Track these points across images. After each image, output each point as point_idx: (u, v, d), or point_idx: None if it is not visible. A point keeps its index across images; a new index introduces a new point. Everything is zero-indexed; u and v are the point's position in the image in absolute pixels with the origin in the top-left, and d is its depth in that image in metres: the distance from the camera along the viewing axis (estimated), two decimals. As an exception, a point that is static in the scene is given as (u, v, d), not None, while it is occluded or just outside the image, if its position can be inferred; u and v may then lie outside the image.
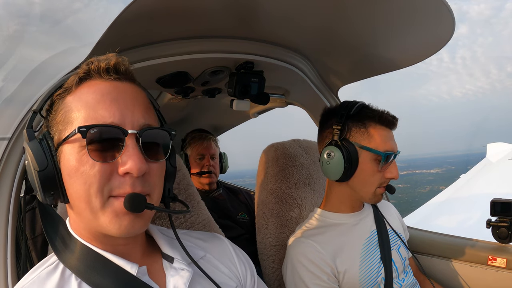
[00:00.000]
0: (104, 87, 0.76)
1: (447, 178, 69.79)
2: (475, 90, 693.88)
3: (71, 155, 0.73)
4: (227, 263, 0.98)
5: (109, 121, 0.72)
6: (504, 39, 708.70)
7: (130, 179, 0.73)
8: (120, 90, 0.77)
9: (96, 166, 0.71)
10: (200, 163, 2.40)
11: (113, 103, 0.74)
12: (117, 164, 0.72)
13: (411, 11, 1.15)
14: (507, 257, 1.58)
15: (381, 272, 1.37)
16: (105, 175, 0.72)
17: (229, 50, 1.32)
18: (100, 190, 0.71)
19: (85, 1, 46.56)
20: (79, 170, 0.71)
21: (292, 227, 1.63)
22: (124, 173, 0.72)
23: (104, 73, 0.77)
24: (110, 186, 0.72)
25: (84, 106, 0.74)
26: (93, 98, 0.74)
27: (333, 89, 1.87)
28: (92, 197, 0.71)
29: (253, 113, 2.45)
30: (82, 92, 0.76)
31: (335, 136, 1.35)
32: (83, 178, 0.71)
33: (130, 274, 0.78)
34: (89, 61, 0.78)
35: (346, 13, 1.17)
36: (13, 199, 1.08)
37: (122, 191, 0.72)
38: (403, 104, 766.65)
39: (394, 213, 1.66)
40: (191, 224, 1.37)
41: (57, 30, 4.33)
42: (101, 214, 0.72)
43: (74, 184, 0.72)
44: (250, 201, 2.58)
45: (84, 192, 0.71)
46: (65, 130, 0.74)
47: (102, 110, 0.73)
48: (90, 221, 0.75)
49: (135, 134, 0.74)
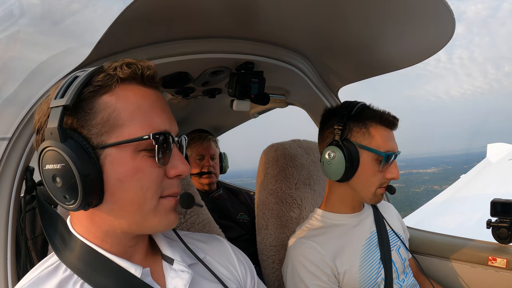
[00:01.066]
0: (150, 94, 0.78)
1: (442, 178, 69.76)
2: (473, 90, 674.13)
3: (124, 160, 0.72)
4: (227, 265, 0.98)
5: (163, 129, 0.76)
6: (501, 39, 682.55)
7: (177, 180, 0.80)
8: (161, 98, 0.81)
9: (155, 170, 0.75)
10: (200, 163, 2.40)
11: (163, 111, 0.79)
12: (166, 168, 0.78)
13: (411, 11, 1.15)
14: (507, 258, 1.58)
15: (381, 273, 1.37)
16: (160, 178, 0.76)
17: (229, 51, 1.32)
18: (155, 193, 0.76)
19: (84, 1, 46.68)
20: (136, 175, 0.73)
21: (292, 228, 1.63)
22: (174, 176, 0.78)
23: (147, 80, 0.78)
24: (162, 188, 0.77)
25: (136, 111, 0.74)
26: (146, 104, 0.76)
27: (333, 89, 1.87)
28: (147, 200, 0.75)
29: (253, 114, 2.45)
30: (128, 95, 0.74)
31: (336, 136, 1.35)
32: (140, 182, 0.73)
33: (133, 275, 0.78)
34: (130, 63, 0.76)
35: (346, 13, 1.17)
36: (13, 199, 1.08)
37: (171, 192, 0.79)
38: (402, 103, 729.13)
39: (394, 214, 1.66)
40: (191, 224, 1.37)
41: (56, 31, 4.34)
42: (152, 215, 0.76)
43: (128, 188, 0.73)
44: (250, 202, 2.58)
45: (140, 196, 0.74)
46: (112, 132, 0.72)
47: (156, 117, 0.76)
48: (134, 223, 0.77)
49: (177, 141, 0.80)
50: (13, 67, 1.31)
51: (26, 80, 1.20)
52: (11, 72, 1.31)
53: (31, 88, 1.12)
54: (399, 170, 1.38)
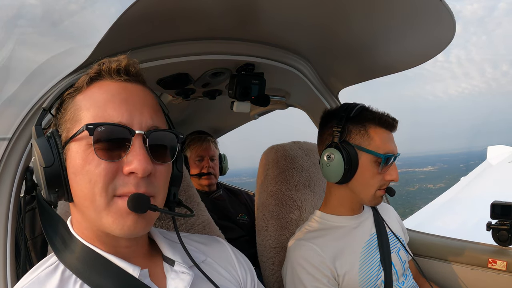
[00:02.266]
0: (114, 87, 0.78)
1: (437, 177, 69.33)
2: (471, 88, 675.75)
3: (77, 153, 0.73)
4: (227, 267, 0.98)
5: (117, 121, 0.74)
6: (497, 38, 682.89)
7: (135, 179, 0.73)
8: (130, 91, 0.78)
9: (101, 164, 0.72)
10: (199, 164, 2.40)
11: (122, 103, 0.76)
12: (123, 163, 0.73)
13: (412, 14, 1.15)
14: (507, 260, 1.57)
15: (380, 275, 1.37)
16: (110, 174, 0.72)
17: (230, 52, 1.33)
18: (104, 189, 0.72)
19: (82, 3, 46.60)
20: (84, 168, 0.72)
21: (292, 229, 1.63)
22: (129, 173, 0.73)
23: (115, 74, 0.78)
24: (115, 185, 0.73)
25: (93, 105, 0.75)
26: (103, 98, 0.76)
27: (333, 91, 1.87)
28: (96, 195, 0.72)
29: (254, 115, 2.45)
30: (93, 91, 0.77)
31: (335, 138, 1.35)
32: (88, 176, 0.72)
33: (132, 276, 0.78)
34: (101, 62, 0.80)
35: (346, 15, 1.17)
36: (13, 200, 1.08)
37: (126, 190, 0.73)
38: (400, 102, 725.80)
39: (394, 216, 1.66)
40: (191, 225, 1.36)
41: (56, 32, 4.34)
42: (105, 214, 0.73)
43: (79, 182, 0.73)
44: (250, 202, 2.58)
45: (88, 190, 0.72)
46: (73, 128, 0.75)
47: (111, 109, 0.74)
48: (93, 220, 0.75)
49: (142, 135, 0.74)
50: (13, 68, 1.31)
51: (26, 81, 1.20)
52: (11, 73, 1.32)
53: (32, 89, 1.12)
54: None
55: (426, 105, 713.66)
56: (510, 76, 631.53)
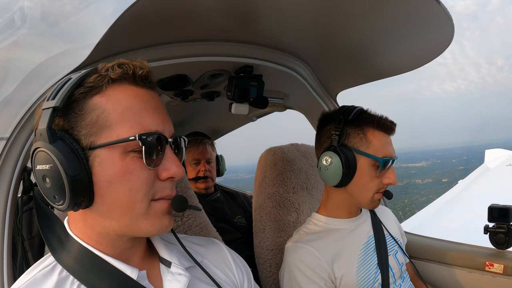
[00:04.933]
0: (142, 94, 0.77)
1: (428, 172, 68.78)
2: (467, 84, 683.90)
3: (112, 161, 0.71)
4: (224, 269, 0.98)
5: (155, 129, 0.75)
6: (491, 33, 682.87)
7: (170, 183, 0.78)
8: (155, 98, 0.80)
9: (144, 173, 0.73)
10: (195, 168, 2.38)
11: (155, 112, 0.77)
12: (158, 170, 0.76)
13: (411, 17, 1.16)
14: (505, 263, 1.58)
15: (378, 278, 1.37)
16: (151, 181, 0.74)
17: (228, 54, 1.33)
18: (146, 196, 0.74)
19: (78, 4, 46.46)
20: (125, 176, 0.72)
21: (289, 231, 1.63)
22: (166, 178, 0.76)
23: (139, 80, 0.77)
24: (154, 190, 0.75)
25: (126, 111, 0.73)
26: (136, 104, 0.74)
27: (332, 94, 1.87)
28: (137, 203, 0.73)
29: (252, 117, 2.45)
30: (118, 96, 0.74)
31: (333, 141, 1.35)
32: (130, 184, 0.72)
33: (129, 277, 0.78)
34: (121, 63, 0.76)
35: (345, 18, 1.18)
36: (10, 200, 1.07)
37: (163, 194, 0.77)
38: (396, 98, 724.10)
39: (391, 219, 1.66)
40: (188, 227, 1.36)
41: (54, 33, 4.34)
42: (143, 219, 0.75)
43: (116, 190, 0.72)
44: (247, 205, 2.58)
45: (128, 198, 0.72)
46: (101, 133, 0.72)
47: (147, 117, 0.75)
48: (124, 226, 0.75)
49: (171, 142, 0.78)
50: (12, 68, 1.31)
51: (25, 81, 1.20)
52: (8, 74, 1.32)
53: (30, 89, 1.12)
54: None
55: (422, 100, 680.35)
56: (505, 71, 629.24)
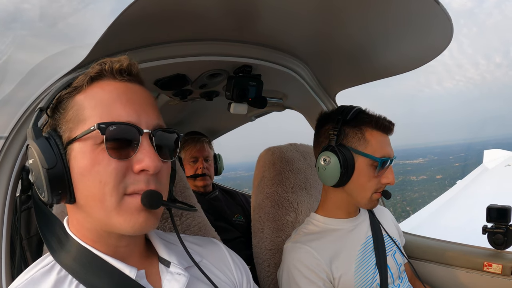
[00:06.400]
0: (118, 87, 0.77)
1: (424, 168, 68.33)
2: (466, 81, 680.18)
3: (84, 153, 0.72)
4: (223, 269, 0.98)
5: (126, 120, 0.74)
6: (488, 29, 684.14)
7: (145, 176, 0.74)
8: (133, 91, 0.79)
9: (112, 164, 0.72)
10: (193, 166, 2.41)
11: (128, 103, 0.76)
12: (131, 162, 0.74)
13: (410, 17, 1.16)
14: (503, 263, 1.58)
15: (376, 278, 1.37)
16: (121, 173, 0.72)
17: (227, 53, 1.33)
18: (115, 189, 0.72)
19: (76, 4, 45.37)
20: (94, 168, 0.71)
21: (288, 231, 1.63)
22: (139, 171, 0.73)
23: (117, 74, 0.78)
24: (125, 184, 0.73)
25: (98, 104, 0.74)
26: (108, 97, 0.75)
27: (330, 94, 1.87)
28: (107, 195, 0.71)
29: (251, 117, 2.46)
30: (95, 91, 0.76)
31: (331, 141, 1.35)
32: (98, 176, 0.71)
33: (128, 277, 0.78)
34: (101, 61, 0.79)
35: (345, 18, 1.18)
36: (8, 199, 1.07)
37: (137, 188, 0.74)
38: (394, 95, 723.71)
39: (389, 219, 1.66)
40: (186, 226, 1.36)
41: (50, 33, 4.32)
42: (115, 213, 0.73)
43: (87, 182, 0.72)
44: (246, 204, 2.58)
45: (98, 191, 0.71)
46: (76, 128, 0.74)
47: (119, 109, 0.74)
48: (101, 220, 0.74)
49: (149, 134, 0.76)
50: (9, 69, 1.31)
51: (22, 81, 1.20)
52: (7, 75, 1.32)
53: (28, 89, 1.12)
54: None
55: (422, 97, 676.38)
56: (504, 66, 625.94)
